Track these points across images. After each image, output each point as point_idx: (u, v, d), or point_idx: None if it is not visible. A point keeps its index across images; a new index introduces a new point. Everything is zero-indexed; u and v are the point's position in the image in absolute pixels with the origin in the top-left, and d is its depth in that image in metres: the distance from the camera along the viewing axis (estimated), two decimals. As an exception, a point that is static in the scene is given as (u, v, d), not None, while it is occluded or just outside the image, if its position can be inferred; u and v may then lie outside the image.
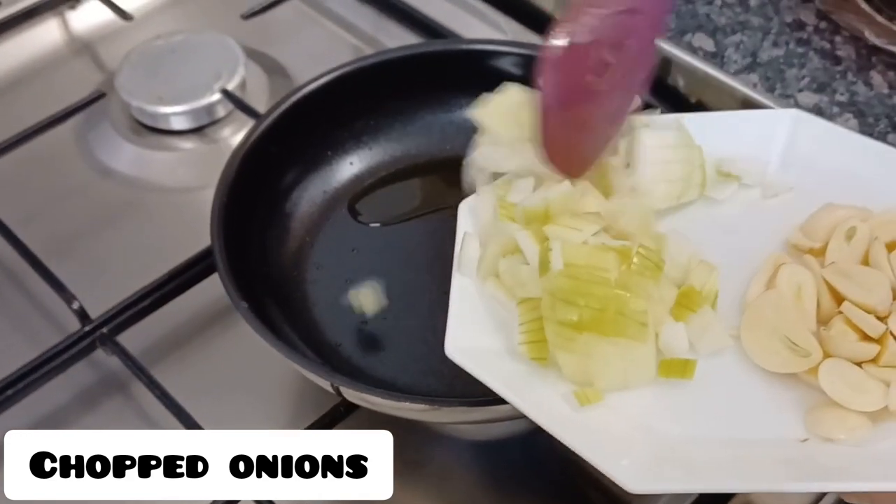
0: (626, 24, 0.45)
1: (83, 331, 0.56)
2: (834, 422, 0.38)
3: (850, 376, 0.38)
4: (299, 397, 0.55)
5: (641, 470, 0.36)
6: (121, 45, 0.75)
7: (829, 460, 0.37)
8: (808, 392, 0.39)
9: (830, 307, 0.41)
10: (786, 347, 0.40)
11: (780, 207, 0.46)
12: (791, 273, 0.41)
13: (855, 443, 0.37)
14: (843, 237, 0.42)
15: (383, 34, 0.76)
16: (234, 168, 0.54)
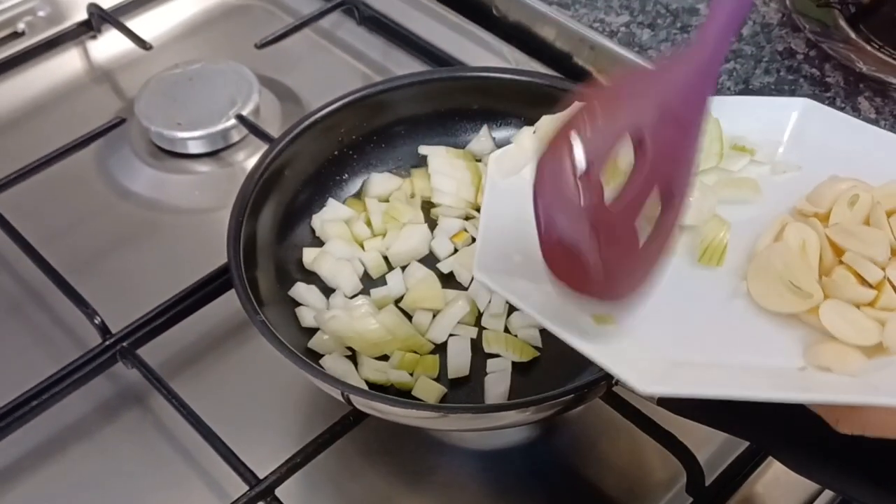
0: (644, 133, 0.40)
1: (104, 344, 0.58)
2: (831, 354, 0.40)
3: (849, 315, 0.41)
4: (311, 408, 0.57)
5: (651, 377, 0.39)
6: (140, 73, 0.77)
7: (826, 384, 0.39)
8: (808, 332, 0.42)
9: (832, 261, 0.44)
10: (789, 290, 0.42)
11: (788, 183, 0.49)
12: (797, 229, 0.44)
13: (850, 373, 0.40)
14: (846, 203, 0.45)
15: (392, 62, 0.79)
16: (250, 189, 0.57)
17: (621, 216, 0.39)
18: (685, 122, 0.41)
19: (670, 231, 0.41)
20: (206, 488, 0.55)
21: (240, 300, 0.51)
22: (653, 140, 0.39)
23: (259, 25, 0.82)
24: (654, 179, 0.40)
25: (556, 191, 0.38)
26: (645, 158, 0.39)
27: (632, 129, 0.39)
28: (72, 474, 0.56)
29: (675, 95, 0.40)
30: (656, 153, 0.39)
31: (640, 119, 0.39)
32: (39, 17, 0.83)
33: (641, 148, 0.39)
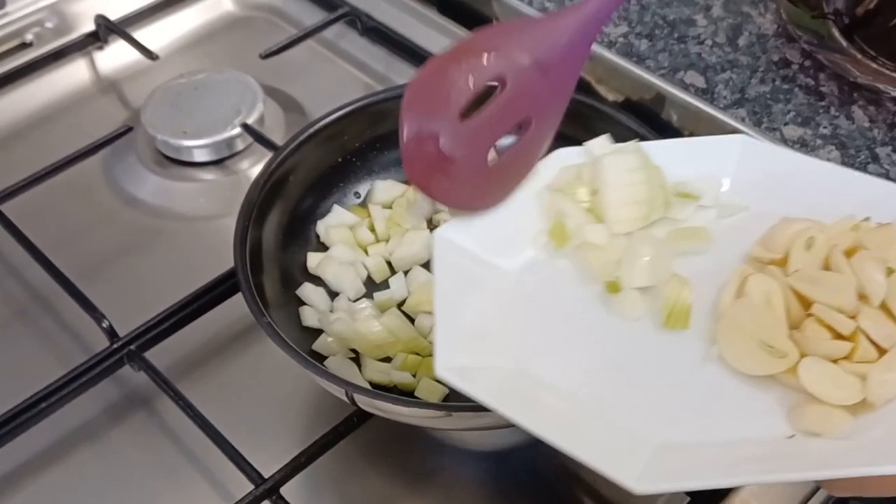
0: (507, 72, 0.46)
1: (112, 347, 0.59)
2: (817, 417, 0.39)
3: (828, 372, 0.40)
4: (315, 410, 0.58)
5: (640, 472, 0.37)
6: (146, 83, 0.79)
7: (817, 453, 0.38)
8: (787, 393, 0.41)
9: (799, 312, 0.43)
10: (763, 351, 0.41)
11: (738, 226, 0.48)
12: (759, 282, 0.43)
13: (839, 435, 0.39)
14: (802, 247, 0.44)
15: (394, 73, 0.80)
16: (256, 195, 0.58)
17: (475, 132, 0.46)
18: (552, 69, 0.47)
19: (529, 153, 0.48)
20: (211, 489, 0.56)
21: (246, 302, 0.52)
22: (515, 80, 0.46)
23: (263, 36, 0.83)
24: (513, 113, 0.46)
25: (421, 100, 0.45)
26: (505, 94, 0.46)
27: (499, 66, 0.46)
28: (79, 476, 0.57)
29: (548, 45, 0.46)
30: (518, 91, 0.46)
31: (508, 60, 0.46)
32: (47, 29, 0.84)
33: (503, 85, 0.46)
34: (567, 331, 0.45)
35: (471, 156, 0.46)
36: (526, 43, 0.46)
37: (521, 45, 0.46)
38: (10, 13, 0.83)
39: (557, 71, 0.47)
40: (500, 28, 0.49)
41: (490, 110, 0.46)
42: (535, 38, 0.46)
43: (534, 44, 0.46)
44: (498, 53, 0.46)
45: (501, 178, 0.48)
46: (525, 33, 0.47)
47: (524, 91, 0.46)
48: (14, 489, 0.56)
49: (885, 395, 0.39)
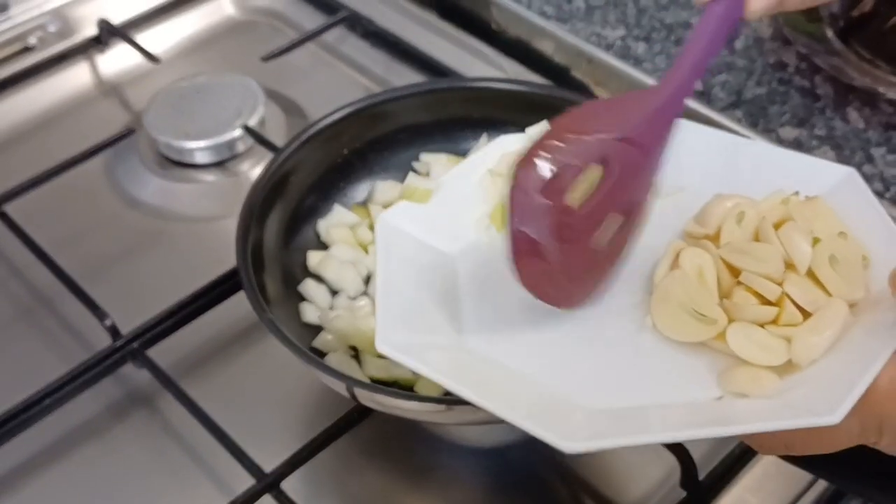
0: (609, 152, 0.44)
1: (115, 345, 0.59)
2: (745, 378, 0.41)
3: (755, 336, 0.41)
4: (315, 407, 0.59)
5: (571, 434, 0.38)
6: (148, 86, 0.79)
7: (743, 412, 0.39)
8: (717, 357, 0.42)
9: (730, 282, 0.44)
10: (694, 318, 0.43)
11: (675, 205, 0.49)
12: (691, 255, 0.44)
13: (765, 395, 0.40)
14: (734, 221, 0.45)
15: (394, 76, 0.80)
16: (257, 195, 0.58)
17: (583, 223, 0.43)
18: (647, 149, 0.45)
19: (624, 244, 0.46)
20: (213, 485, 0.56)
21: (248, 299, 0.53)
22: (616, 161, 0.43)
23: (264, 40, 0.84)
24: (616, 197, 0.44)
25: (527, 194, 0.42)
26: (609, 177, 0.43)
27: (599, 150, 0.43)
28: (82, 472, 0.57)
29: (640, 123, 0.44)
30: (619, 174, 0.43)
31: (606, 142, 0.43)
32: (50, 32, 0.85)
33: (607, 167, 0.43)
34: (506, 307, 0.46)
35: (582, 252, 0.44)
36: (624, 124, 0.44)
37: (622, 126, 0.44)
38: (13, 17, 0.84)
39: (647, 148, 0.45)
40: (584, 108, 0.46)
41: (601, 196, 0.43)
42: (630, 119, 0.44)
43: (630, 124, 0.44)
44: (602, 133, 0.44)
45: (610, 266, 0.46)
46: (622, 113, 0.45)
47: (629, 174, 0.44)
48: (17, 485, 0.57)
49: (810, 356, 0.40)
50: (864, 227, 0.45)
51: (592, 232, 0.44)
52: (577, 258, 0.44)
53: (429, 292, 0.46)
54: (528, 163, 0.42)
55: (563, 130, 0.43)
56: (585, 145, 0.43)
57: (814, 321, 0.41)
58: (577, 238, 0.43)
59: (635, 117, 0.44)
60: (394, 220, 0.48)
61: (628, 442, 0.38)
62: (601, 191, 0.43)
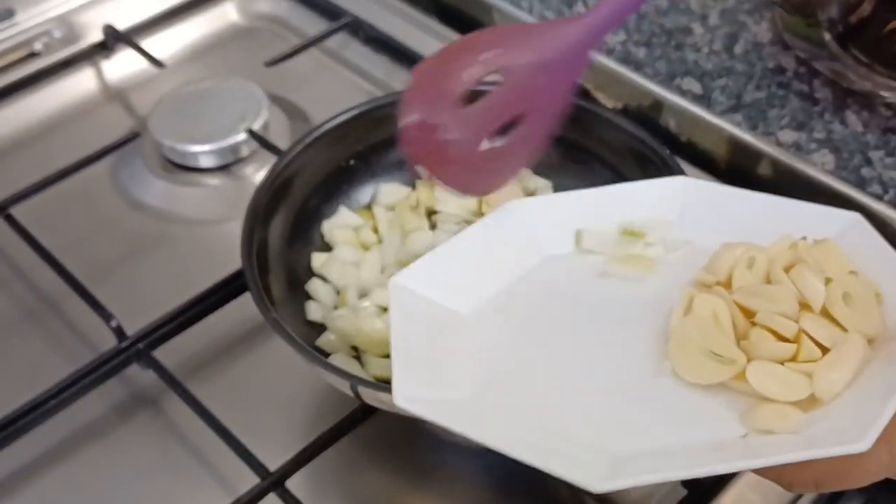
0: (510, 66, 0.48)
1: (120, 346, 0.60)
2: (770, 415, 0.40)
3: (775, 373, 0.41)
4: (319, 407, 0.59)
5: (601, 475, 0.38)
6: (152, 91, 0.80)
7: (771, 446, 0.39)
8: (737, 398, 0.42)
9: (745, 325, 0.44)
10: (712, 360, 0.43)
11: (683, 259, 0.50)
12: (705, 300, 0.44)
13: (791, 430, 0.40)
14: (744, 266, 0.45)
15: (395, 80, 0.81)
16: (262, 197, 0.59)
17: (471, 119, 0.48)
18: (551, 70, 0.48)
19: (523, 146, 0.50)
20: (217, 484, 0.57)
21: (253, 299, 0.53)
22: (514, 75, 0.48)
23: (267, 46, 0.84)
24: (509, 106, 0.48)
25: (423, 87, 0.48)
26: (503, 86, 0.48)
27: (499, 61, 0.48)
28: (87, 472, 0.58)
29: (549, 47, 0.48)
30: (515, 86, 0.48)
31: (509, 56, 0.48)
32: (55, 38, 0.85)
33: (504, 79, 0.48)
34: (524, 363, 0.47)
35: (466, 140, 0.49)
36: (527, 43, 0.48)
37: (523, 45, 0.48)
38: (18, 23, 0.85)
39: (556, 72, 0.48)
40: (503, 28, 0.51)
41: (487, 100, 0.48)
42: (536, 40, 0.48)
43: (535, 45, 0.48)
44: (499, 50, 0.48)
45: (495, 166, 0.50)
46: (527, 35, 0.49)
47: (521, 86, 0.48)
48: (23, 485, 0.57)
49: (832, 390, 0.41)
50: (874, 267, 0.45)
51: (480, 131, 0.48)
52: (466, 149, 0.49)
53: (443, 351, 0.46)
54: (428, 65, 0.49)
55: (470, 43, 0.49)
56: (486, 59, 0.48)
57: (833, 356, 0.41)
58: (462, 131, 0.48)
59: (550, 41, 0.48)
60: (405, 282, 0.48)
61: (660, 478, 0.38)
62: (492, 96, 0.48)
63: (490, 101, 0.48)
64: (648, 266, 0.49)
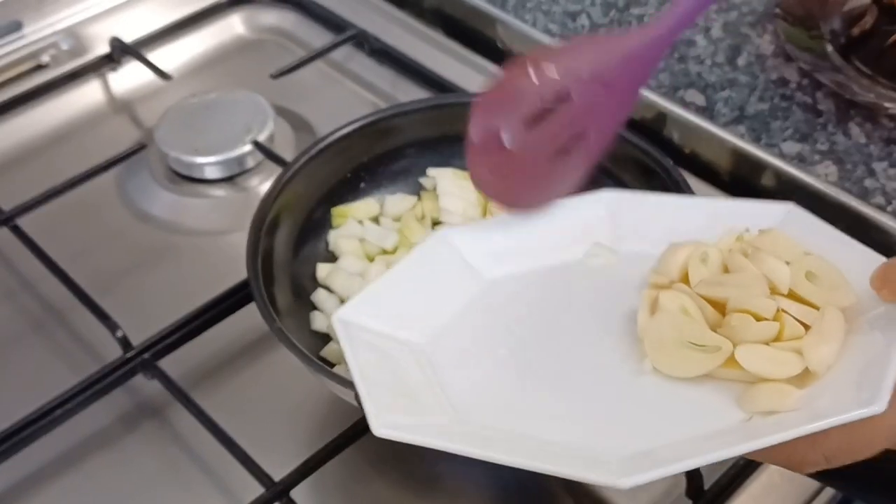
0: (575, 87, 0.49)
1: (125, 356, 0.60)
2: (769, 394, 0.40)
3: (765, 353, 0.41)
4: (324, 418, 0.59)
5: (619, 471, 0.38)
6: (158, 103, 0.80)
7: (779, 424, 0.39)
8: (725, 385, 0.42)
9: (715, 316, 0.44)
10: (695, 351, 0.42)
11: (628, 267, 0.50)
12: (670, 297, 0.44)
13: (792, 408, 0.40)
14: (698, 262, 0.45)
15: (400, 92, 0.82)
16: (267, 207, 0.59)
17: (538, 137, 0.50)
18: (614, 87, 0.50)
19: (584, 162, 0.51)
20: (222, 494, 0.57)
21: (259, 309, 0.54)
22: (580, 94, 0.49)
23: (273, 58, 0.85)
24: (574, 125, 0.50)
25: (491, 102, 0.50)
26: (569, 106, 0.49)
27: (565, 80, 0.49)
28: (92, 482, 0.58)
29: (612, 63, 0.49)
30: (581, 105, 0.49)
31: (575, 75, 0.49)
32: (63, 51, 0.86)
33: (568, 98, 0.49)
34: (496, 381, 0.46)
35: (531, 159, 0.50)
36: (591, 60, 0.49)
37: (587, 62, 0.49)
38: (26, 35, 0.86)
39: (618, 89, 0.50)
40: (568, 46, 0.51)
41: (554, 120, 0.49)
42: (600, 56, 0.49)
43: (599, 61, 0.49)
44: (565, 68, 0.49)
45: (554, 182, 0.51)
46: (591, 51, 0.50)
47: (587, 105, 0.49)
48: (29, 495, 0.57)
49: (825, 362, 0.40)
50: (822, 248, 0.45)
51: (545, 146, 0.50)
52: (527, 166, 0.50)
53: (408, 378, 0.45)
54: (496, 85, 0.50)
55: (537, 61, 0.49)
56: (550, 79, 0.49)
57: (817, 330, 0.41)
58: (529, 148, 0.50)
59: (610, 55, 0.49)
60: (350, 317, 0.48)
61: (679, 468, 0.38)
62: (557, 114, 0.49)
63: (556, 120, 0.49)
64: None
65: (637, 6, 0.83)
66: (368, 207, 0.65)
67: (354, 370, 0.44)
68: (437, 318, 0.49)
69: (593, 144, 0.51)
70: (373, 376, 0.44)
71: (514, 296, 0.51)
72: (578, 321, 0.49)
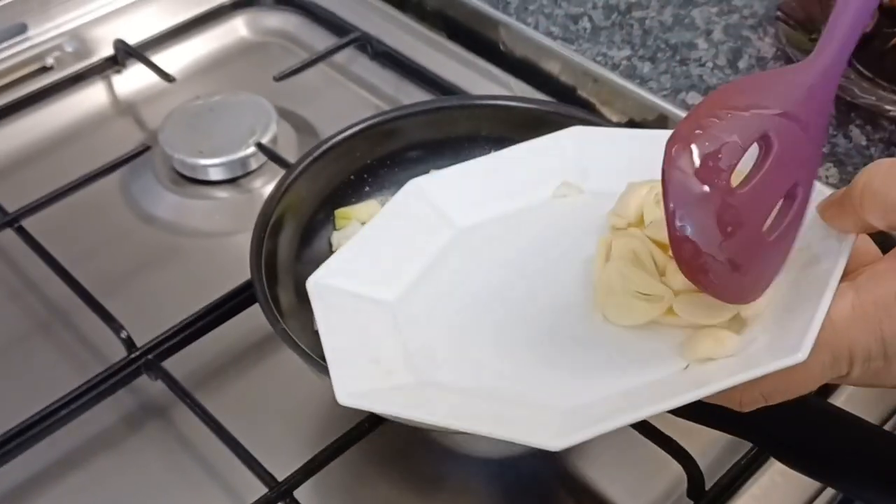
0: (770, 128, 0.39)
1: (130, 357, 0.60)
2: (707, 342, 0.41)
3: (701, 301, 0.42)
4: (327, 419, 0.59)
5: (555, 433, 0.38)
6: (162, 105, 0.81)
7: (714, 372, 0.39)
8: (672, 333, 0.43)
9: (664, 260, 0.44)
10: (640, 300, 0.43)
11: (592, 208, 0.50)
12: (622, 244, 0.45)
13: (728, 354, 0.40)
14: (653, 203, 0.46)
15: (403, 95, 0.82)
16: (271, 208, 0.60)
17: (748, 208, 0.39)
18: (808, 124, 0.41)
19: (795, 228, 0.41)
20: (226, 494, 0.57)
21: (262, 310, 0.54)
22: (777, 139, 0.39)
23: (276, 60, 0.85)
24: (781, 177, 0.40)
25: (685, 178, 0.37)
26: (770, 156, 0.39)
27: (759, 126, 0.39)
28: (97, 482, 0.58)
29: (797, 97, 0.40)
30: (781, 151, 0.39)
31: (766, 117, 0.39)
32: (67, 53, 0.86)
33: (767, 145, 0.39)
34: (460, 337, 0.47)
35: (750, 233, 0.39)
36: (779, 96, 0.40)
37: (775, 99, 0.40)
38: (31, 38, 0.86)
39: (812, 127, 0.41)
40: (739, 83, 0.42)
41: (763, 175, 0.39)
42: (786, 94, 0.40)
43: (786, 99, 0.40)
44: (759, 108, 0.39)
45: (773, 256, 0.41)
46: (773, 87, 0.41)
47: (791, 151, 0.40)
48: (33, 495, 0.58)
49: (755, 308, 0.41)
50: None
51: (759, 217, 0.40)
52: (745, 248, 0.39)
53: (377, 340, 0.47)
54: (683, 142, 0.37)
55: (716, 106, 0.39)
56: (743, 121, 0.38)
57: None
58: (743, 225, 0.39)
59: (794, 91, 0.40)
60: (324, 280, 0.48)
61: (610, 426, 0.38)
62: (765, 170, 0.39)
63: (764, 174, 0.39)
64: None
65: (639, 9, 0.84)
66: (371, 209, 0.65)
67: (324, 336, 0.45)
68: (409, 274, 0.50)
69: (803, 199, 0.41)
70: (341, 341, 0.45)
71: (483, 243, 0.51)
72: (544, 266, 0.49)
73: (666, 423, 0.53)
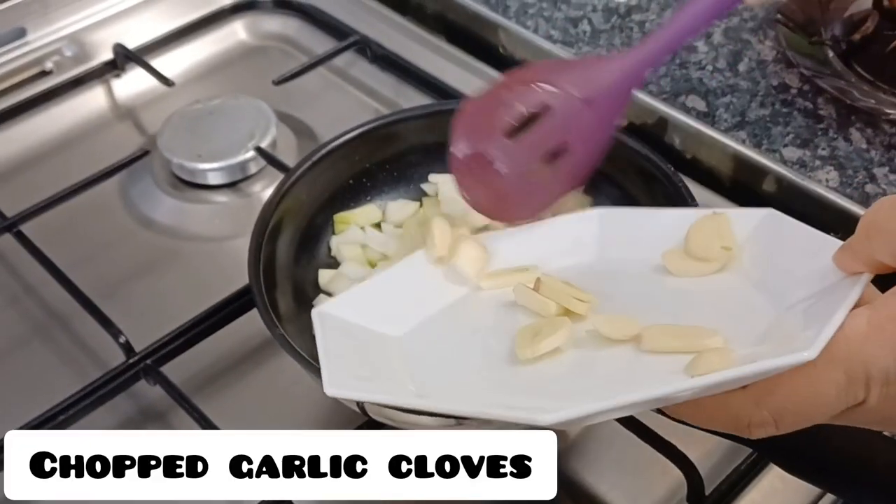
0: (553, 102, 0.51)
1: (128, 362, 0.60)
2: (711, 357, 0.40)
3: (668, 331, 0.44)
4: (326, 423, 0.59)
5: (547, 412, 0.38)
6: (162, 109, 0.81)
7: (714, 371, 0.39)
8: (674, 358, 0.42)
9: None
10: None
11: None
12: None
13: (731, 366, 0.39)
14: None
15: (402, 99, 0.82)
16: (269, 212, 0.60)
17: (519, 149, 0.52)
18: (595, 104, 0.51)
19: (564, 179, 0.53)
20: (224, 499, 0.57)
21: (260, 315, 0.54)
22: (559, 107, 0.51)
23: (276, 64, 0.85)
24: (554, 136, 0.52)
25: (472, 118, 0.52)
26: (549, 118, 0.51)
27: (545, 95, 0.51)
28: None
29: (593, 82, 0.51)
30: (561, 117, 0.51)
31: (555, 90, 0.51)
32: (66, 57, 0.86)
33: (548, 110, 0.52)
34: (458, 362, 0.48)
35: (514, 170, 0.52)
36: (573, 78, 0.52)
37: (569, 80, 0.52)
38: (30, 42, 0.86)
39: (599, 107, 0.52)
40: (550, 63, 0.56)
41: (534, 131, 0.52)
42: (582, 75, 0.52)
43: (580, 79, 0.52)
44: (546, 84, 0.52)
45: (537, 194, 0.53)
46: (573, 70, 0.53)
47: (566, 118, 0.52)
48: (32, 501, 0.58)
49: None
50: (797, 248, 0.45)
51: (523, 158, 0.52)
52: (512, 177, 0.52)
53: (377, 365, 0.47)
54: (478, 98, 0.53)
55: (518, 74, 0.52)
56: (532, 93, 0.52)
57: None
58: (510, 162, 0.52)
59: (593, 77, 0.52)
60: (331, 311, 0.50)
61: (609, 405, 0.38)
62: (532, 130, 0.52)
63: (535, 132, 0.52)
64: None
65: (639, 12, 0.84)
66: (370, 213, 0.65)
67: (320, 346, 0.46)
68: (418, 317, 0.51)
69: (579, 158, 0.52)
70: (338, 353, 0.46)
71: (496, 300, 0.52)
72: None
73: (666, 428, 0.53)
